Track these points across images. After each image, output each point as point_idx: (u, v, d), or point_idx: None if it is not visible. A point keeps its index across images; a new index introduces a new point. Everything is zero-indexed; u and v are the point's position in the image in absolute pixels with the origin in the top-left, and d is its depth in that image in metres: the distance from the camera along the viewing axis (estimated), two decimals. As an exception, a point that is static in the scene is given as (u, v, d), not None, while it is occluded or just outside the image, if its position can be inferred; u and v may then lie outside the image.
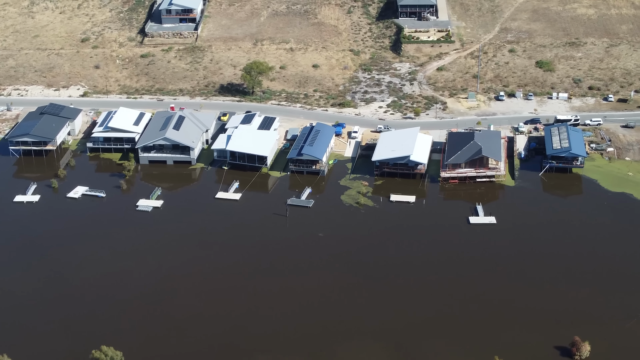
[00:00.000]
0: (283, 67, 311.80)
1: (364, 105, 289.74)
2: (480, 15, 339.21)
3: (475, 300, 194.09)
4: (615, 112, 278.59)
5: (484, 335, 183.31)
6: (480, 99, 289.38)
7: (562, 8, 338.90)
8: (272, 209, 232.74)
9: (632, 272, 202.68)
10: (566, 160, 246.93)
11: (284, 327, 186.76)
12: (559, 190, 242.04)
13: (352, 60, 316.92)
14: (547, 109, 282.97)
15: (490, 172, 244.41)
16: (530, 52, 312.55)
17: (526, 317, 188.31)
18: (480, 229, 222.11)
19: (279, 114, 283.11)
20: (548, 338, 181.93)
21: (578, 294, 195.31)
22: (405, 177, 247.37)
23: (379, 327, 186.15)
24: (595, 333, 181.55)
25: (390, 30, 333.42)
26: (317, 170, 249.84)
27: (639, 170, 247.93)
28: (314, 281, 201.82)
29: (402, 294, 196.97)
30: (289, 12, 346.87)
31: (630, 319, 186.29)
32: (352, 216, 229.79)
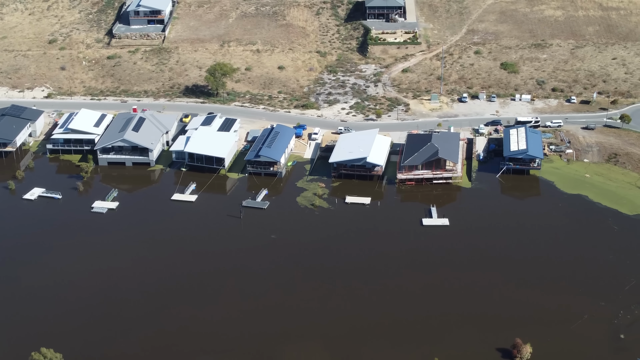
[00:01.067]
0: (248, 69, 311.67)
1: (327, 106, 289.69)
2: (448, 17, 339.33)
3: (421, 302, 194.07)
4: (577, 114, 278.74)
5: (427, 337, 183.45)
6: (443, 100, 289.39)
7: (529, 10, 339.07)
8: (227, 211, 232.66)
9: (579, 273, 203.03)
10: (523, 162, 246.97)
11: (230, 329, 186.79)
12: (515, 192, 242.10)
13: (318, 62, 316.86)
14: (509, 110, 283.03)
15: (447, 174, 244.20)
16: (496, 54, 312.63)
17: (471, 318, 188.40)
18: (432, 231, 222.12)
19: (241, 115, 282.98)
20: (490, 340, 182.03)
21: (524, 296, 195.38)
22: (362, 179, 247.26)
23: (324, 329, 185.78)
24: (537, 335, 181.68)
25: (358, 31, 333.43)
26: (275, 171, 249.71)
27: (597, 172, 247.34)
28: (263, 283, 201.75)
29: (348, 296, 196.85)
30: (258, 14, 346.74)
31: (577, 320, 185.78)
32: (306, 218, 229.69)
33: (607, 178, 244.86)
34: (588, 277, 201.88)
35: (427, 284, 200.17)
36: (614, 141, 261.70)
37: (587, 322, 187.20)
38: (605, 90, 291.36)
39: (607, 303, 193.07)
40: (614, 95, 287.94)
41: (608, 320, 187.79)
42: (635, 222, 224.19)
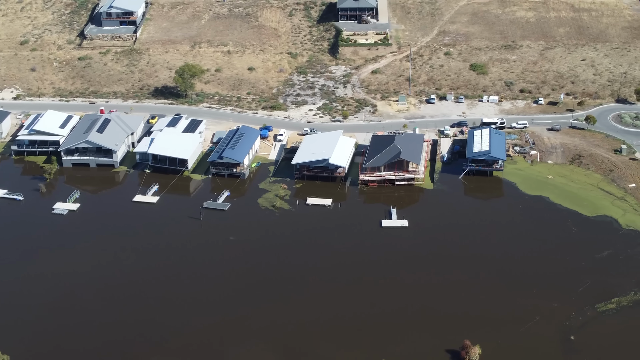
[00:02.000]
0: (218, 70, 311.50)
1: (295, 108, 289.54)
2: (420, 18, 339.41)
3: (373, 304, 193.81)
4: (544, 115, 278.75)
5: (376, 339, 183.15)
6: (411, 101, 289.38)
7: (501, 11, 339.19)
8: (188, 212, 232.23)
9: (535, 275, 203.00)
10: (486, 163, 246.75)
11: (182, 331, 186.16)
12: (477, 193, 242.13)
13: (289, 63, 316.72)
14: (477, 111, 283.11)
15: (409, 175, 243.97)
16: (466, 55, 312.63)
17: (421, 320, 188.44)
18: (390, 232, 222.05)
19: (209, 116, 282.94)
20: (440, 341, 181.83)
21: (477, 297, 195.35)
22: (325, 180, 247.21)
23: (271, 330, 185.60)
24: (487, 336, 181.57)
25: (329, 33, 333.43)
26: (238, 173, 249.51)
27: (560, 174, 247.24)
28: (217, 284, 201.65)
29: (300, 298, 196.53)
30: (231, 15, 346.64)
31: (529, 321, 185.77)
32: (266, 219, 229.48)
33: (570, 179, 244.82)
34: (543, 278, 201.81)
35: (380, 285, 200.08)
36: (579, 142, 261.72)
37: (538, 324, 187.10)
38: (573, 91, 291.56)
39: (560, 304, 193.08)
40: (581, 97, 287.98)
41: (560, 322, 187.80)
42: (594, 223, 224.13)
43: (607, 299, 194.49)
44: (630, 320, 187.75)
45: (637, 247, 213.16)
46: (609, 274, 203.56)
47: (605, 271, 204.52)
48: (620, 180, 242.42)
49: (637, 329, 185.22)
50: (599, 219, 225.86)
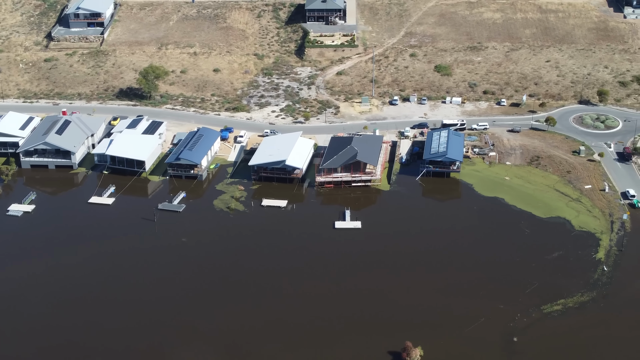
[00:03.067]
0: (184, 72, 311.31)
1: (258, 109, 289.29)
2: (388, 20, 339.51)
3: (317, 306, 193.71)
4: (505, 117, 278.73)
5: (319, 341, 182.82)
6: (374, 103, 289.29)
7: (469, 12, 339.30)
8: (143, 214, 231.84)
9: (483, 276, 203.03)
10: (443, 164, 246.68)
11: (126, 332, 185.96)
12: (433, 194, 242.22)
13: (254, 65, 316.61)
14: (439, 113, 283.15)
15: (366, 177, 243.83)
16: (431, 57, 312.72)
17: (365, 322, 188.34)
18: (343, 234, 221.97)
19: (171, 118, 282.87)
20: (383, 343, 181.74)
21: (424, 298, 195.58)
22: (282, 182, 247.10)
23: (217, 331, 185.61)
24: (431, 337, 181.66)
25: (297, 34, 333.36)
26: (196, 174, 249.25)
27: (517, 175, 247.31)
28: (166, 285, 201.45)
29: (245, 300, 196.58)
30: (199, 17, 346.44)
31: (474, 323, 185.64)
32: (220, 221, 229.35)
33: (527, 181, 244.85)
34: (491, 279, 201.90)
35: (326, 287, 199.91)
36: (538, 144, 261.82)
37: (483, 325, 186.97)
38: (536, 92, 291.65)
39: (506, 306, 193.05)
40: (544, 98, 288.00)
41: (504, 323, 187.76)
42: (547, 224, 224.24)
43: (554, 301, 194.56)
44: (575, 322, 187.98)
45: (587, 249, 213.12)
46: (557, 275, 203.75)
47: (554, 273, 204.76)
48: (576, 181, 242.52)
49: (581, 330, 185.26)
50: (552, 220, 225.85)
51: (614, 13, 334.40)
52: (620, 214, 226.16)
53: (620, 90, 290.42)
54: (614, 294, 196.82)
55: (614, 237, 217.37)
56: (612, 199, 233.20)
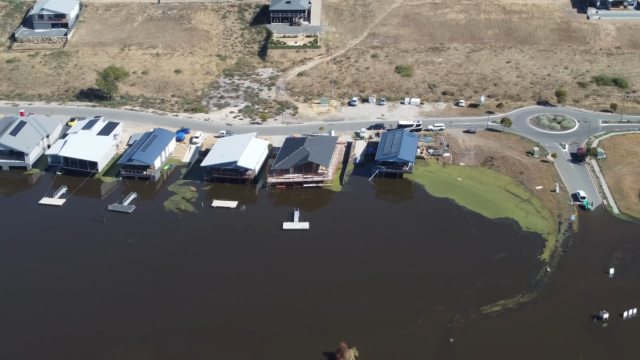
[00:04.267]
0: (145, 73, 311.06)
1: (217, 110, 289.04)
2: (352, 21, 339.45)
3: (255, 306, 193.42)
4: (462, 117, 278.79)
5: (254, 342, 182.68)
6: (333, 104, 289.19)
7: (433, 13, 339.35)
8: (92, 215, 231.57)
9: (426, 277, 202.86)
10: (396, 165, 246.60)
11: (61, 331, 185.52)
12: (385, 195, 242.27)
13: (217, 66, 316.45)
14: (397, 114, 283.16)
15: (317, 178, 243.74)
16: (392, 57, 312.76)
17: (303, 322, 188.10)
18: (290, 235, 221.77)
19: (129, 119, 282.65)
20: (318, 344, 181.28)
21: (364, 299, 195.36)
22: (234, 183, 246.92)
23: (149, 332, 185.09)
24: (367, 338, 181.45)
25: (260, 35, 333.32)
26: (148, 175, 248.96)
27: (470, 176, 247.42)
28: (107, 285, 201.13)
29: (185, 300, 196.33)
30: (164, 17, 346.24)
31: (412, 324, 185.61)
32: (169, 222, 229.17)
33: (479, 181, 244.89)
34: (433, 280, 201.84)
35: (264, 288, 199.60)
36: (493, 145, 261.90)
37: (420, 326, 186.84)
38: (495, 93, 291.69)
39: (446, 306, 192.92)
40: (503, 99, 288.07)
41: (442, 324, 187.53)
42: (495, 225, 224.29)
43: (493, 302, 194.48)
44: (512, 323, 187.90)
45: (532, 250, 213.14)
46: (499, 276, 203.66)
47: (497, 273, 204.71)
48: (528, 182, 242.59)
49: (518, 330, 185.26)
50: (500, 221, 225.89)
51: (578, 14, 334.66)
52: (569, 215, 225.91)
53: (579, 91, 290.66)
54: (555, 295, 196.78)
55: (560, 238, 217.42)
56: (562, 199, 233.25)
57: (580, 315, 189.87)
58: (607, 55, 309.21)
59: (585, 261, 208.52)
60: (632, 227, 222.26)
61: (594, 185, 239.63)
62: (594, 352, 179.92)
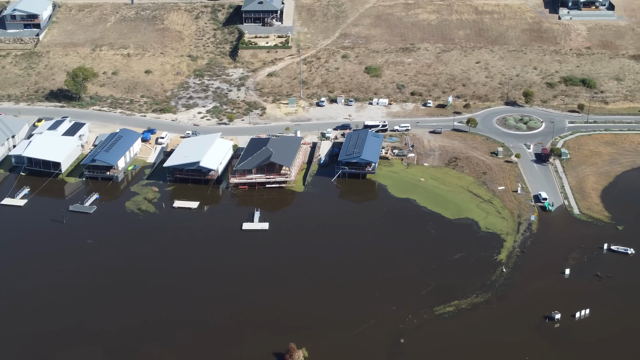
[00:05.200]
0: (115, 73, 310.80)
1: (185, 110, 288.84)
2: (324, 21, 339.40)
3: (207, 305, 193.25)
4: (429, 118, 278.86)
5: (204, 342, 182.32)
6: (301, 104, 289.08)
7: (405, 14, 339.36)
8: (53, 216, 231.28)
9: (381, 277, 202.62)
10: (359, 166, 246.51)
11: (14, 331, 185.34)
12: (347, 196, 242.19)
13: (187, 66, 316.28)
14: (364, 114, 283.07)
15: (280, 178, 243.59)
16: (362, 58, 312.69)
17: (255, 323, 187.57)
18: (249, 235, 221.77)
19: (97, 119, 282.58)
20: (268, 345, 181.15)
21: (317, 299, 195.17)
22: (197, 183, 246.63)
23: (103, 331, 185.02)
24: (318, 339, 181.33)
25: (233, 36, 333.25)
26: (111, 176, 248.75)
27: (433, 176, 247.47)
28: (61, 286, 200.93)
29: (136, 300, 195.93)
30: (137, 18, 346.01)
31: (364, 324, 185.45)
32: (129, 222, 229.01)
33: (442, 182, 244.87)
34: (389, 280, 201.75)
35: (217, 288, 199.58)
36: (458, 145, 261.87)
37: (372, 326, 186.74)
38: (463, 94, 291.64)
39: (399, 307, 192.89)
40: (471, 99, 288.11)
41: (394, 325, 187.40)
42: (454, 226, 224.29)
43: (447, 302, 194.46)
44: (465, 323, 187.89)
45: (489, 250, 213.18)
46: (455, 276, 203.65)
47: (453, 274, 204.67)
48: (491, 182, 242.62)
49: (469, 331, 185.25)
50: (460, 221, 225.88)
51: (550, 14, 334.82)
52: (529, 215, 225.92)
53: (548, 91, 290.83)
54: (509, 296, 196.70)
55: (518, 238, 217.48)
56: (523, 200, 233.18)
57: (533, 316, 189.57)
58: (577, 56, 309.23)
59: (541, 262, 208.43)
60: (591, 228, 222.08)
61: (556, 186, 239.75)
62: (544, 353, 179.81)
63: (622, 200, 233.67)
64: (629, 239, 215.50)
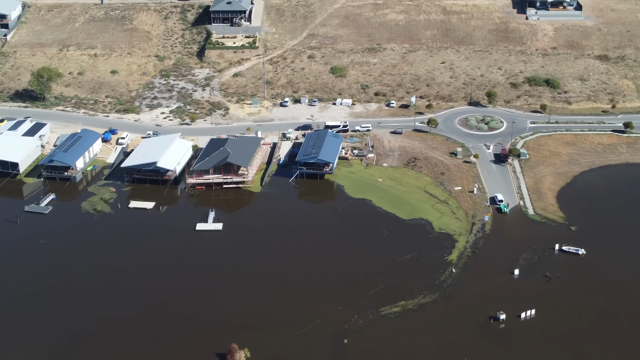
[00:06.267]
0: (81, 73, 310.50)
1: (148, 111, 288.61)
2: (292, 21, 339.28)
3: (151, 306, 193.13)
4: (391, 118, 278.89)
5: (146, 343, 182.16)
6: (265, 105, 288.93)
7: (373, 14, 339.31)
8: (8, 216, 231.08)
9: (331, 278, 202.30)
10: (317, 166, 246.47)
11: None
12: (304, 196, 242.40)
13: (154, 67, 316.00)
14: (327, 115, 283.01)
15: (237, 179, 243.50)
16: (328, 58, 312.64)
17: (196, 323, 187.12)
18: (201, 236, 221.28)
19: (60, 120, 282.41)
20: (212, 346, 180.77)
21: (263, 300, 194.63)
22: (155, 184, 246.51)
23: (40, 332, 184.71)
24: (262, 340, 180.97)
25: (201, 36, 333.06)
26: (69, 176, 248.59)
27: (391, 177, 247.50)
28: (10, 287, 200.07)
29: (79, 300, 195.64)
30: (106, 18, 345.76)
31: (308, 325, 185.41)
32: (84, 223, 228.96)
33: (399, 182, 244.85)
34: (338, 281, 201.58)
35: (161, 288, 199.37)
36: (418, 145, 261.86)
37: (317, 327, 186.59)
38: (427, 94, 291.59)
39: (346, 307, 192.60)
40: (435, 100, 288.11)
41: (339, 325, 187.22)
42: (408, 226, 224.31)
43: (394, 302, 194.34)
44: (409, 324, 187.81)
45: (441, 251, 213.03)
46: (404, 277, 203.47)
47: (402, 274, 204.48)
48: (448, 183, 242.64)
49: (414, 331, 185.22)
50: (414, 222, 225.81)
51: (517, 15, 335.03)
52: (483, 215, 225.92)
53: (511, 91, 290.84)
54: (456, 296, 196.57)
55: (471, 239, 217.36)
56: (479, 200, 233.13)
57: (479, 316, 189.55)
58: (543, 56, 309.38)
59: (491, 262, 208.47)
60: (544, 228, 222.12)
61: (513, 186, 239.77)
62: (487, 353, 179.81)
63: (578, 201, 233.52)
64: (581, 240, 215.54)
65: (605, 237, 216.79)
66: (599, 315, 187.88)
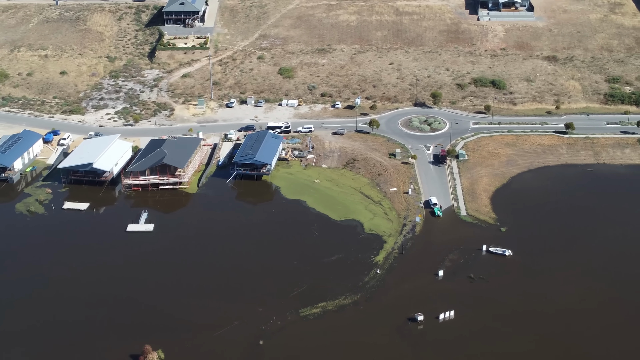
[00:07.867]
0: (30, 74, 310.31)
1: (94, 112, 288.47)
2: (245, 22, 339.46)
3: (63, 308, 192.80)
4: (335, 119, 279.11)
5: (58, 345, 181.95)
6: (210, 105, 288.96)
7: (326, 15, 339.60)
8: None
9: (254, 280, 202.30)
10: (254, 167, 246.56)
11: None
12: (240, 197, 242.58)
13: (104, 68, 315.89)
14: (271, 115, 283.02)
15: (173, 180, 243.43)
16: (278, 59, 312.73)
17: (109, 325, 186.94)
18: (132, 237, 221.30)
19: (3, 121, 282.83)
20: (125, 347, 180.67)
21: (177, 301, 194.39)
22: (91, 185, 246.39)
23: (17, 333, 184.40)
24: (178, 341, 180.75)
25: (153, 37, 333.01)
26: (6, 177, 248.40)
27: (329, 178, 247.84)
28: None
29: (18, 305, 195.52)
30: (60, 19, 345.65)
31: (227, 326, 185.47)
32: (15, 224, 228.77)
33: (336, 183, 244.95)
34: (261, 282, 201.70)
35: (81, 290, 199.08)
36: (358, 146, 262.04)
37: (235, 328, 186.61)
38: (373, 95, 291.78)
39: (266, 309, 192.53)
40: (380, 100, 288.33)
41: (257, 327, 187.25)
42: (339, 227, 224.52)
43: (314, 304, 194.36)
44: (328, 325, 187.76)
45: (369, 252, 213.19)
46: (328, 278, 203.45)
47: (326, 275, 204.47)
48: (384, 184, 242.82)
49: (331, 332, 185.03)
50: (345, 223, 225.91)
51: (469, 15, 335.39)
52: (415, 217, 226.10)
53: (457, 92, 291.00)
54: (378, 297, 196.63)
55: (400, 240, 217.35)
56: (413, 201, 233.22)
57: (397, 318, 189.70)
58: (491, 57, 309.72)
59: (417, 263, 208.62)
60: (474, 229, 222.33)
61: (448, 187, 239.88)
62: (402, 354, 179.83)
63: (511, 203, 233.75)
64: (510, 241, 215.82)
65: (533, 238, 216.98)
66: (515, 316, 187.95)
